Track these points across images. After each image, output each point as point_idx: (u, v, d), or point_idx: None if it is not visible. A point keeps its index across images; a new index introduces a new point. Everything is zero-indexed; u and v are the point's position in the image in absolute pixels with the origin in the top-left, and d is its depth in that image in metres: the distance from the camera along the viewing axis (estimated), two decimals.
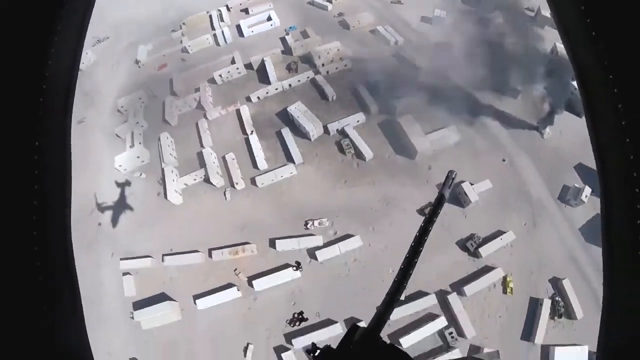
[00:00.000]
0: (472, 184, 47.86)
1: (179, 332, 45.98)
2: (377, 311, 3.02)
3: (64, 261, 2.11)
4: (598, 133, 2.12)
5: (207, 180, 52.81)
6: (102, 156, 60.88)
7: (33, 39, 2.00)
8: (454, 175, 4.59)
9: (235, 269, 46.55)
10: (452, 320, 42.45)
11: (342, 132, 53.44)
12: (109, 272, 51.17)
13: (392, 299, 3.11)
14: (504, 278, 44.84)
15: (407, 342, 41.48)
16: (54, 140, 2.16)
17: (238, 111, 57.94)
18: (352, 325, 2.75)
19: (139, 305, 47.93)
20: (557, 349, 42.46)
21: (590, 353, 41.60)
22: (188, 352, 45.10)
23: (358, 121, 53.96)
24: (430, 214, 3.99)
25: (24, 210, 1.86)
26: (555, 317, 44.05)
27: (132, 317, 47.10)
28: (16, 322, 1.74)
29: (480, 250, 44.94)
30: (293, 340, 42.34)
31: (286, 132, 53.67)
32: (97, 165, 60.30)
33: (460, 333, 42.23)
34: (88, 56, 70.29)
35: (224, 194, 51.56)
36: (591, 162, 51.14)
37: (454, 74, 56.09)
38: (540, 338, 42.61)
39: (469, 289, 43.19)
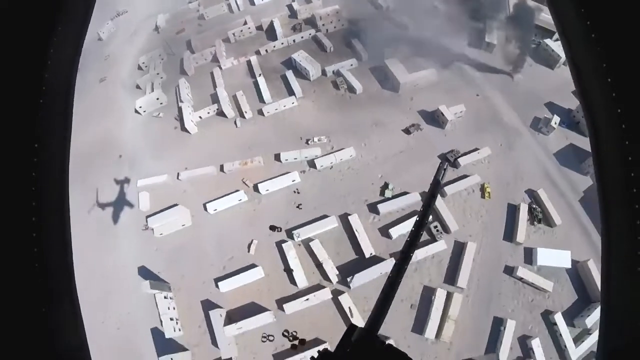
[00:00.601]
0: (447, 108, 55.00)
1: (189, 236, 50.86)
2: (373, 311, 2.91)
3: (63, 263, 2.09)
4: (597, 135, 2.07)
5: (219, 113, 60.06)
6: (123, 105, 68.49)
7: (32, 40, 1.97)
8: (445, 166, 4.53)
9: (243, 179, 52.41)
10: (436, 216, 47.61)
11: (337, 73, 61.56)
12: (127, 195, 56.85)
13: (387, 297, 3.00)
14: (482, 185, 50.44)
15: (395, 233, 46.44)
16: (53, 142, 2.13)
17: (249, 62, 66.51)
18: (349, 325, 2.67)
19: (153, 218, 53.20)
20: (539, 249, 46.99)
21: (573, 261, 46.05)
22: (197, 252, 49.71)
23: (352, 65, 62.27)
24: (425, 205, 3.72)
25: (23, 212, 1.84)
26: (535, 222, 48.98)
27: (146, 227, 52.11)
28: (15, 323, 1.73)
29: (460, 160, 51.02)
30: (294, 232, 47.29)
31: (289, 74, 61.78)
32: (119, 113, 67.76)
33: (445, 229, 47.22)
34: (108, 26, 79.74)
35: (235, 123, 58.58)
36: (561, 101, 58.74)
37: (435, 31, 65.29)
38: (521, 238, 47.35)
39: (448, 189, 48.74)
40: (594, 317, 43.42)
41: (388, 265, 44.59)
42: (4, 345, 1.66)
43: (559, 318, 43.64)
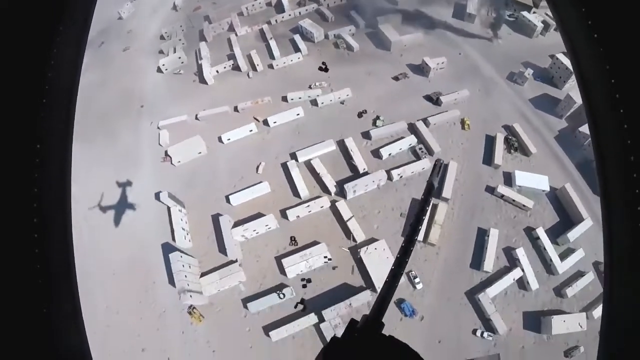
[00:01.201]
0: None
1: (204, 163, 57.80)
2: (377, 300, 2.94)
3: (65, 264, 2.10)
4: (599, 135, 2.08)
5: (234, 68, 68.64)
6: (145, 67, 77.01)
7: (35, 40, 1.97)
8: (441, 162, 4.45)
9: (254, 115, 59.96)
10: (421, 140, 54.54)
11: (338, 36, 70.65)
12: (148, 136, 64.25)
13: (390, 288, 3.09)
14: (462, 119, 57.58)
15: (385, 153, 53.24)
16: (55, 143, 2.14)
17: (261, 30, 76.02)
18: (350, 320, 2.71)
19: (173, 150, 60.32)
20: (517, 171, 52.98)
21: (551, 188, 52.16)
22: (210, 174, 56.47)
23: (350, 30, 71.49)
24: (422, 203, 3.76)
25: (24, 213, 1.85)
26: (512, 151, 55.57)
27: (164, 159, 59.04)
28: (16, 324, 1.74)
29: (442, 98, 58.54)
30: (298, 154, 54.17)
31: (297, 37, 70.96)
32: (141, 73, 76.22)
33: (429, 151, 53.98)
34: (128, 7, 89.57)
35: (247, 75, 67.01)
36: (536, 61, 67.47)
37: (422, 4, 75.28)
38: (499, 161, 53.76)
39: (432, 119, 55.91)
40: (576, 233, 47.93)
41: (380, 175, 51.04)
42: (4, 346, 1.66)
43: (541, 232, 48.67)
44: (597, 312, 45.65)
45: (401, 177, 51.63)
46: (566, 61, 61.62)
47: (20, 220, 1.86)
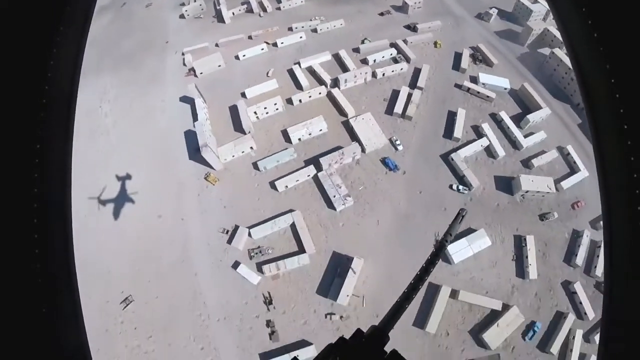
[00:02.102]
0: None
1: (222, 73, 69.16)
2: (387, 314, 3.25)
3: (65, 264, 2.11)
4: (600, 136, 2.08)
5: (248, 11, 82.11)
6: (168, 17, 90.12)
7: (35, 40, 1.97)
8: (464, 213, 5.35)
9: (265, 40, 72.39)
10: (400, 52, 66.87)
11: None
12: (173, 62, 75.94)
13: (401, 306, 3.56)
14: (435, 41, 70.42)
15: (371, 60, 65.21)
16: (55, 144, 2.14)
17: None
18: (356, 330, 2.86)
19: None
20: (481, 73, 65.08)
21: (511, 89, 64.22)
22: (227, 81, 67.71)
23: None
24: (428, 263, 4.37)
25: (24, 214, 1.86)
26: (477, 62, 67.94)
27: (188, 74, 70.40)
28: (16, 324, 1.76)
29: (418, 26, 71.78)
30: (301, 60, 66.00)
31: None
32: (164, 21, 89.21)
33: (406, 59, 66.22)
34: None
35: (259, 14, 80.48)
36: (503, 6, 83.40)
37: None
38: (465, 65, 65.98)
39: (409, 39, 68.71)
40: (535, 116, 59.08)
41: (366, 69, 62.69)
42: (5, 345, 1.67)
43: (504, 115, 60.05)
44: (566, 183, 55.38)
45: (384, 74, 63.46)
46: (527, 3, 75.73)
47: (20, 220, 1.85)
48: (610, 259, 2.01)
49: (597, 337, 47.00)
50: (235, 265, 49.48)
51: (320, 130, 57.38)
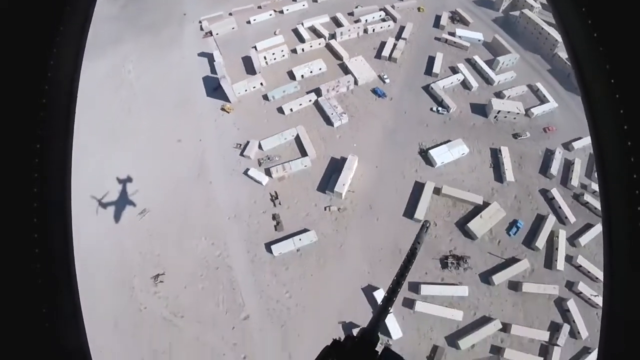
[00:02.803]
0: None
1: (235, 34, 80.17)
2: (374, 316, 3.35)
3: (65, 264, 2.12)
4: (600, 136, 2.08)
5: None
6: None
7: (35, 40, 1.98)
8: (428, 224, 5.82)
9: (273, 9, 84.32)
10: (387, 14, 78.18)
11: None
12: (191, 29, 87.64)
13: (385, 308, 3.53)
14: (419, 7, 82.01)
15: (363, 19, 76.31)
16: (55, 143, 2.15)
17: None
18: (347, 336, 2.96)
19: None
20: (458, 29, 76.09)
21: (485, 42, 75.07)
22: (241, 38, 78.54)
23: None
24: (406, 262, 4.65)
25: (24, 214, 1.87)
26: (454, 22, 79.03)
27: (205, 35, 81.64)
28: (16, 323, 1.76)
29: None
30: (304, 21, 77.15)
31: None
32: None
33: (393, 18, 77.36)
34: None
35: None
36: None
37: None
38: (445, 23, 77.12)
39: (396, 5, 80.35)
40: (505, 59, 69.22)
41: (359, 25, 73.48)
42: (5, 346, 1.67)
43: (477, 58, 70.34)
44: (536, 110, 64.17)
45: (374, 30, 74.32)
46: None
47: (20, 220, 1.85)
48: (610, 259, 2.01)
49: (582, 240, 53.03)
50: (246, 171, 57.03)
51: (320, 69, 67.10)
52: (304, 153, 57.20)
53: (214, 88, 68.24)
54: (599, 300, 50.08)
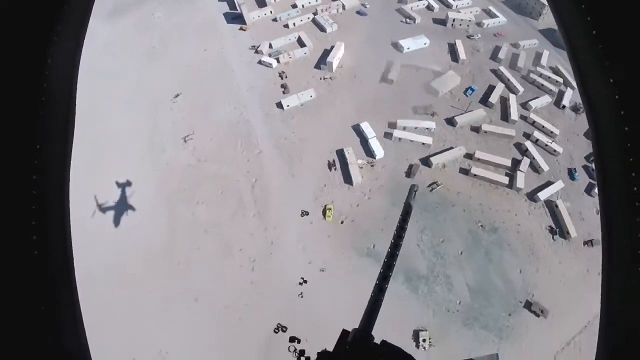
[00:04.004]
0: None
1: None
2: (365, 313, 3.12)
3: (64, 265, 2.12)
4: (599, 138, 2.08)
5: None
6: None
7: (33, 39, 1.97)
8: (416, 188, 5.32)
9: None
10: None
11: None
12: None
13: (377, 301, 3.25)
14: None
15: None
16: (55, 144, 2.14)
17: None
18: (342, 330, 2.83)
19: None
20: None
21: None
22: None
23: None
24: (401, 223, 4.24)
25: (23, 215, 1.87)
26: None
27: None
28: (13, 325, 1.75)
29: None
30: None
31: None
32: None
33: None
34: None
35: None
36: None
37: None
38: None
39: None
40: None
41: None
42: (3, 347, 1.67)
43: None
44: (487, 22, 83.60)
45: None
46: None
47: (19, 221, 1.84)
48: (610, 259, 2.00)
49: (532, 104, 68.12)
50: (260, 61, 74.52)
51: (309, 2, 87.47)
52: (303, 45, 75.25)
53: (232, 17, 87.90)
54: (556, 147, 64.27)
